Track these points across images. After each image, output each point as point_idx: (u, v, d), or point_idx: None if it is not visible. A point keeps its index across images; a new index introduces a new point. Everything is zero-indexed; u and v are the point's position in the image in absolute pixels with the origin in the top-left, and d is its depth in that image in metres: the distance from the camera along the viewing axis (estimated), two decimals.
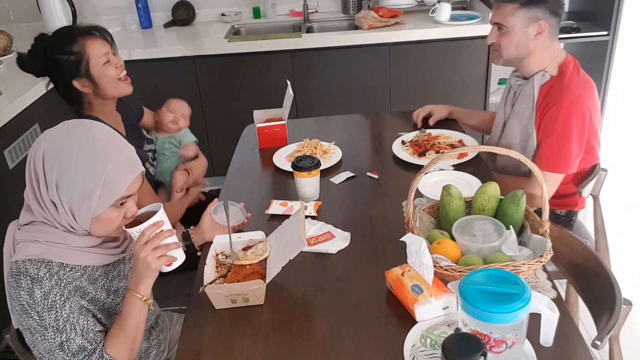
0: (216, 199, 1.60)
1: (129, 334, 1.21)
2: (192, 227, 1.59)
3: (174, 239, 1.22)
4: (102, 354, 1.18)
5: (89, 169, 1.11)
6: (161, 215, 1.20)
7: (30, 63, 1.74)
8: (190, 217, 1.96)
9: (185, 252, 1.56)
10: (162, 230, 1.20)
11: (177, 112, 2.20)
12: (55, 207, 1.14)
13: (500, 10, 1.80)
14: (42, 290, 1.12)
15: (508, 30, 1.79)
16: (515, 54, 1.83)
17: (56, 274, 1.15)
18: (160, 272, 1.52)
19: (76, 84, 1.74)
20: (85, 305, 1.21)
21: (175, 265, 1.24)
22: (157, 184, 2.15)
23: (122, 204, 1.18)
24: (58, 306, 1.13)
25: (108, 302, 1.28)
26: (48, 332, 1.13)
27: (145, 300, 1.20)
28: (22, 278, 1.11)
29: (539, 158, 1.80)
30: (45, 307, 1.12)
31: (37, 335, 1.14)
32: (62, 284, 1.15)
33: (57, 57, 1.70)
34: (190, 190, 2.11)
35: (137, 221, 1.21)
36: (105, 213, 1.16)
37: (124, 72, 1.82)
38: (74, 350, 1.15)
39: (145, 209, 1.25)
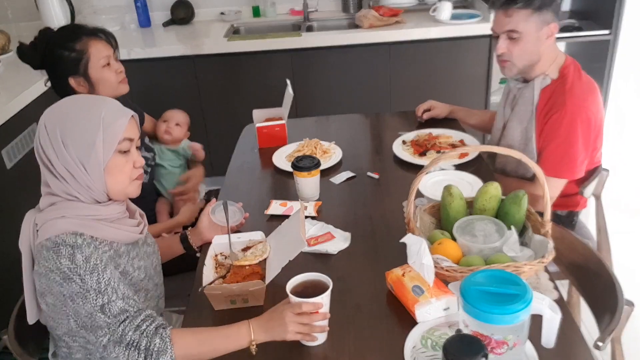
0: (214, 199, 1.59)
1: (206, 346, 1.16)
2: (189, 228, 1.58)
3: (324, 322, 1.20)
4: (148, 318, 1.15)
5: (86, 117, 1.18)
6: (324, 298, 1.19)
7: (31, 54, 1.74)
8: None
9: (185, 254, 1.56)
10: (317, 312, 1.17)
11: (170, 121, 2.16)
12: (70, 173, 1.18)
13: (512, 18, 1.70)
14: (83, 254, 1.14)
15: (522, 37, 1.71)
16: (528, 61, 1.76)
17: (92, 243, 1.18)
18: (165, 272, 1.51)
19: (72, 81, 1.73)
20: (119, 276, 1.21)
21: (308, 344, 1.21)
22: (157, 194, 2.14)
23: (126, 152, 1.22)
24: (100, 269, 1.15)
25: (135, 276, 1.29)
26: (90, 294, 1.13)
27: (250, 343, 1.16)
28: (62, 247, 1.14)
29: (543, 163, 1.76)
30: (87, 269, 1.14)
31: (79, 299, 1.14)
32: (99, 252, 1.18)
33: (58, 52, 1.71)
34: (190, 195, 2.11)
35: (301, 287, 1.22)
36: (113, 161, 1.20)
37: (122, 77, 1.81)
38: (115, 312, 1.14)
39: (314, 276, 1.25)
